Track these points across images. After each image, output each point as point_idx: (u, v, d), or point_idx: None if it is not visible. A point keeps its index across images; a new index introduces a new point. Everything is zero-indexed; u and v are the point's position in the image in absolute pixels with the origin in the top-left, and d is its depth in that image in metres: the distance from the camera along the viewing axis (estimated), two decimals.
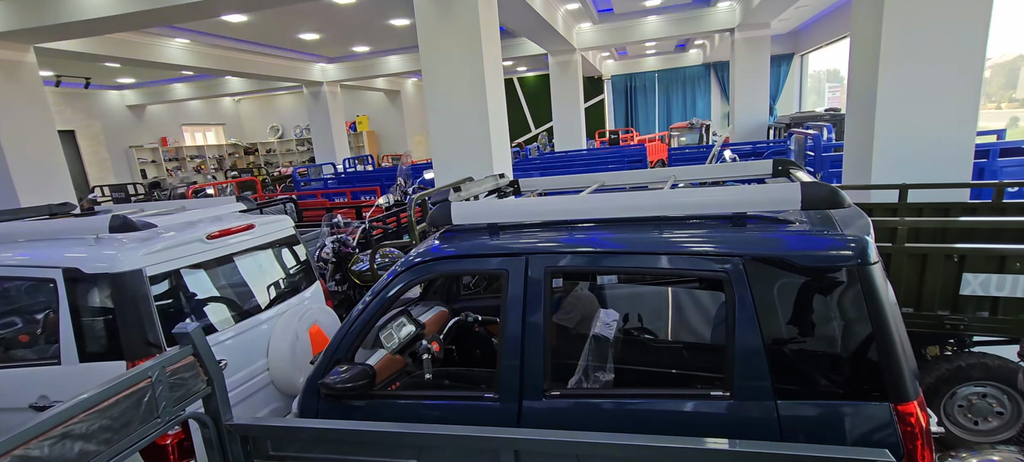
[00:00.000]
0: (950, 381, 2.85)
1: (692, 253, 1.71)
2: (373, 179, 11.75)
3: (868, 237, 1.56)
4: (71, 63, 11.26)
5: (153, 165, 17.67)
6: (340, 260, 5.07)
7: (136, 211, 3.41)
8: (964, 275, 2.74)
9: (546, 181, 3.02)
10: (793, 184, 1.65)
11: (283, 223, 3.45)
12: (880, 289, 1.52)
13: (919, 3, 4.12)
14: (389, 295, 2.10)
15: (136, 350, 2.31)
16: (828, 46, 14.99)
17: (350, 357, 2.19)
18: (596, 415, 1.78)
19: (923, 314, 2.88)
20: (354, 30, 11.09)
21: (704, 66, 19.47)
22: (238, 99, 21.05)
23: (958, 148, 4.29)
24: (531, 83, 20.68)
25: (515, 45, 13.65)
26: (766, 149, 9.77)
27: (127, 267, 2.33)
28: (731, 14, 12.00)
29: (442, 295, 3.26)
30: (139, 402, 1.41)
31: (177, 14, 6.54)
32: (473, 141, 5.79)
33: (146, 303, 2.36)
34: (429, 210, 2.49)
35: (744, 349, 1.62)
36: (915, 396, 1.49)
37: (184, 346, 1.64)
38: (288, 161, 20.94)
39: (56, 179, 7.44)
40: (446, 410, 1.99)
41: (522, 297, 1.88)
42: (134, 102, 16.93)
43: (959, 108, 4.22)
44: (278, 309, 3.21)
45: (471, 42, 5.54)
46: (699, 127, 14.33)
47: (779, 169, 2.52)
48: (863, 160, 4.64)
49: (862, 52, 4.59)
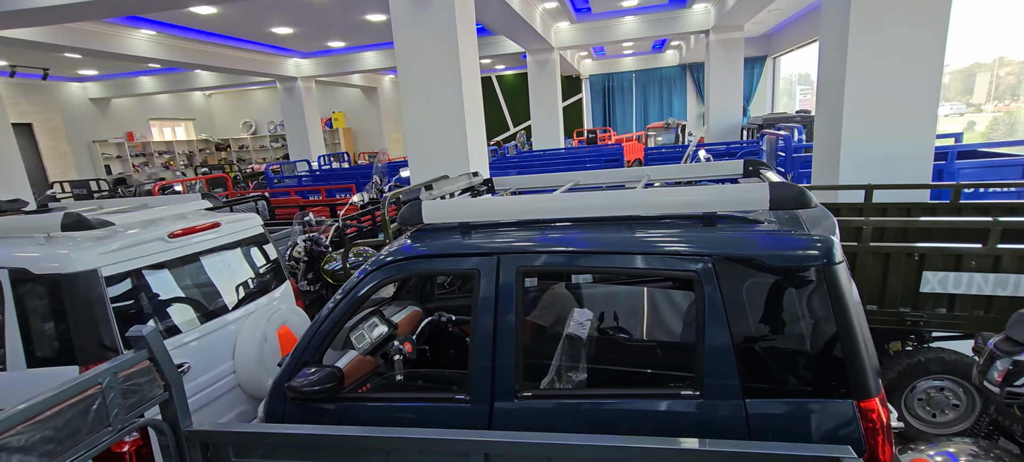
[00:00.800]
0: (910, 375, 2.94)
1: (663, 253, 1.72)
2: (349, 177, 11.56)
3: (834, 237, 1.59)
4: (27, 52, 10.74)
5: (119, 161, 17.02)
6: (312, 259, 4.96)
7: (95, 208, 3.27)
8: (924, 273, 2.83)
9: (520, 180, 3.01)
10: (762, 184, 1.66)
11: (251, 221, 3.35)
12: (845, 288, 1.54)
13: (882, 11, 4.25)
14: (359, 294, 2.05)
15: (90, 354, 2.21)
16: (799, 49, 15.38)
17: (318, 359, 2.13)
18: (568, 416, 1.77)
19: (886, 311, 2.96)
20: (329, 24, 10.87)
21: (680, 67, 19.76)
22: (209, 94, 20.44)
23: (919, 150, 4.44)
24: (510, 81, 20.65)
25: (493, 43, 13.60)
26: (739, 149, 9.96)
27: (80, 267, 2.22)
28: (706, 16, 12.20)
29: (416, 295, 3.21)
30: (87, 410, 1.34)
31: (141, 3, 6.29)
32: (449, 139, 5.74)
33: (101, 305, 2.25)
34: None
35: (713, 348, 1.63)
36: (877, 392, 1.52)
37: (139, 350, 1.57)
38: (261, 158, 20.44)
39: (10, 174, 7.08)
40: (417, 412, 1.96)
41: (494, 297, 1.85)
42: (97, 95, 16.27)
43: (920, 111, 4.38)
44: (246, 309, 3.12)
45: (447, 38, 5.48)
46: (675, 127, 14.52)
47: (750, 169, 2.56)
48: (831, 161, 4.76)
49: (830, 57, 4.71)
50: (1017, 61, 9.35)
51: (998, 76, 10.11)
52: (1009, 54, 9.50)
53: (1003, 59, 9.83)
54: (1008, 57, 9.63)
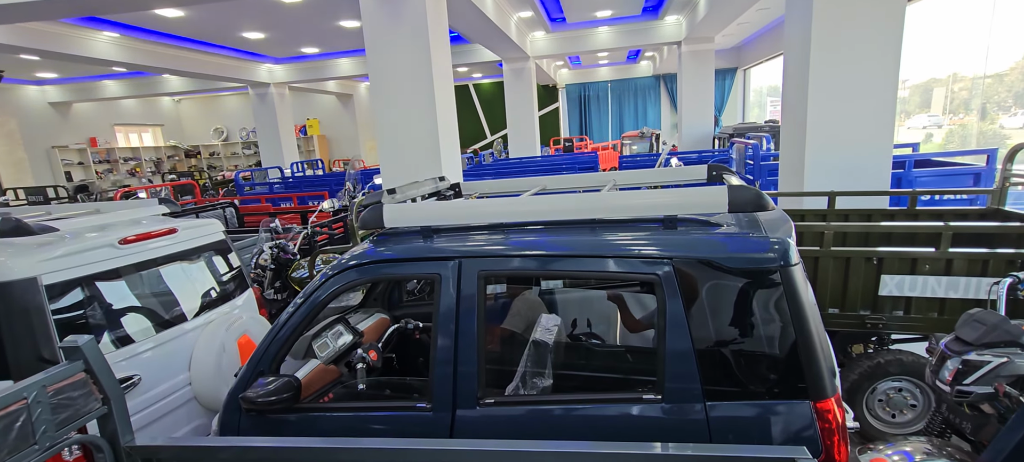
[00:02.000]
0: (871, 377, 3.01)
1: (625, 255, 1.71)
2: (322, 184, 11.36)
3: (790, 239, 1.61)
4: None
5: (81, 167, 16.37)
6: (280, 267, 4.83)
7: (42, 214, 3.11)
8: (882, 277, 2.90)
9: (488, 184, 2.98)
10: (721, 187, 1.68)
11: (211, 227, 3.24)
12: (801, 290, 1.56)
13: (841, 28, 4.41)
14: (320, 300, 1.99)
15: (27, 368, 2.08)
16: (768, 62, 15.85)
17: (276, 368, 2.05)
18: (532, 422, 1.74)
19: (847, 314, 3.03)
20: (302, 30, 10.71)
21: (654, 77, 20.14)
22: (178, 99, 19.88)
23: (878, 158, 4.60)
24: (487, 90, 20.70)
25: (469, 51, 13.61)
26: (710, 157, 10.16)
27: (16, 275, 2.09)
28: (678, 28, 12.46)
29: (384, 302, 3.15)
30: (9, 428, 1.25)
31: (102, 5, 6.08)
32: (422, 146, 5.68)
33: (41, 315, 2.13)
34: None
35: (674, 351, 1.63)
36: (833, 393, 1.54)
37: (73, 361, 1.48)
38: (233, 165, 19.94)
39: None
40: (378, 421, 1.90)
41: (455, 302, 1.82)
42: (57, 99, 15.65)
43: (878, 122, 4.54)
44: (205, 318, 3.00)
45: (419, 45, 5.45)
46: (649, 136, 14.76)
47: (713, 174, 2.59)
48: (797, 169, 4.89)
49: (793, 71, 4.86)
50: (969, 77, 9.82)
51: (953, 91, 10.60)
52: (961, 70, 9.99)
53: (957, 75, 10.32)
54: (961, 73, 10.12)
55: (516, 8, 10.31)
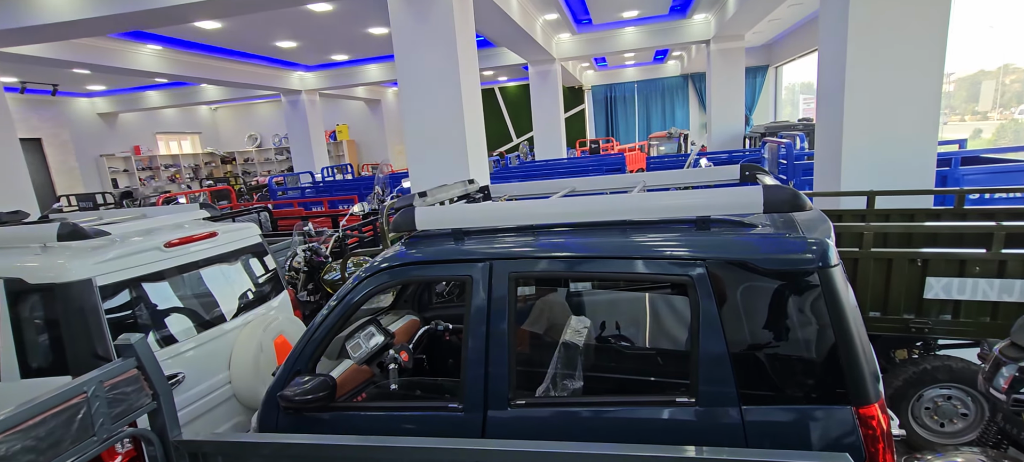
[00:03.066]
0: (916, 384, 2.88)
1: (657, 257, 1.69)
2: (352, 188, 11.61)
3: (829, 240, 1.56)
4: (36, 68, 10.91)
5: (125, 174, 17.18)
6: (313, 269, 4.96)
7: (94, 219, 3.29)
8: (927, 279, 2.78)
9: (516, 187, 3.00)
10: (756, 187, 1.64)
11: (249, 231, 3.35)
12: (841, 291, 1.51)
13: (881, 19, 4.25)
14: (353, 301, 2.04)
15: (83, 365, 2.20)
16: (801, 58, 15.39)
17: (312, 368, 2.11)
18: (563, 424, 1.74)
19: (890, 318, 2.91)
20: (332, 38, 10.99)
21: (682, 77, 19.82)
22: (215, 107, 20.65)
23: (921, 156, 4.41)
24: (512, 93, 20.76)
25: (495, 55, 13.69)
26: (741, 158, 9.93)
27: (74, 277, 2.22)
28: (706, 26, 12.24)
29: (414, 304, 3.20)
30: (72, 420, 1.32)
31: (148, 19, 6.38)
32: (450, 150, 5.75)
33: (95, 314, 2.25)
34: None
35: (708, 353, 1.60)
36: (876, 399, 1.48)
37: (127, 358, 1.56)
38: (266, 170, 20.58)
39: (16, 187, 7.15)
40: (410, 421, 1.93)
41: (486, 303, 1.83)
42: (105, 110, 16.48)
43: (921, 118, 4.35)
44: (243, 319, 3.11)
45: (447, 50, 5.51)
46: (677, 137, 14.53)
47: (746, 174, 2.54)
48: (833, 168, 4.73)
49: (829, 67, 4.71)
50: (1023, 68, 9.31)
51: (1004, 84, 10.07)
52: (1015, 61, 9.47)
53: (1008, 66, 9.80)
54: (1014, 64, 9.60)
55: (542, 11, 10.33)
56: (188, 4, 5.89)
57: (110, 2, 6.01)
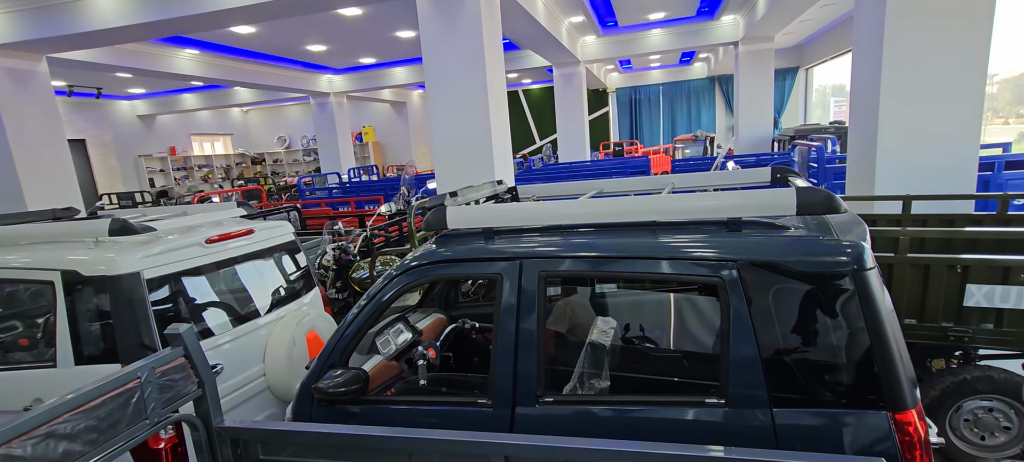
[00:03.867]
0: (955, 394, 2.79)
1: (687, 258, 1.70)
2: (377, 189, 11.81)
3: (865, 243, 1.54)
4: (83, 73, 11.45)
5: (161, 174, 17.85)
6: (341, 267, 5.08)
7: (138, 216, 3.44)
8: (967, 286, 2.70)
9: (544, 188, 3.02)
10: (788, 189, 1.63)
11: (283, 229, 3.46)
12: (877, 295, 1.49)
13: (919, 17, 4.12)
14: (384, 298, 2.10)
15: (131, 353, 2.31)
16: (833, 60, 14.99)
17: (344, 362, 2.17)
18: (590, 422, 1.76)
19: (926, 325, 2.83)
20: (361, 41, 11.22)
21: (709, 79, 19.52)
22: (246, 110, 21.28)
23: (962, 160, 4.26)
24: (536, 95, 20.80)
25: (520, 57, 13.75)
26: (769, 161, 9.74)
27: (124, 270, 2.34)
28: (735, 27, 12.05)
29: (441, 302, 3.25)
30: (127, 403, 1.41)
31: (188, 25, 6.64)
32: (475, 151, 5.81)
33: (143, 306, 2.36)
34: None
35: (739, 355, 1.60)
36: (913, 405, 1.46)
37: (175, 347, 1.64)
38: (294, 171, 21.10)
39: (64, 187, 7.52)
40: (439, 416, 1.97)
41: (516, 301, 1.86)
42: (144, 112, 17.16)
43: (962, 120, 4.21)
44: (276, 314, 3.21)
45: (474, 54, 5.58)
46: (703, 139, 14.31)
47: (777, 177, 2.51)
48: (866, 172, 4.61)
49: (864, 68, 4.59)
50: None
51: None
52: None
53: None
54: None
55: (567, 13, 10.33)
56: (225, 9, 6.11)
57: (153, 8, 6.28)
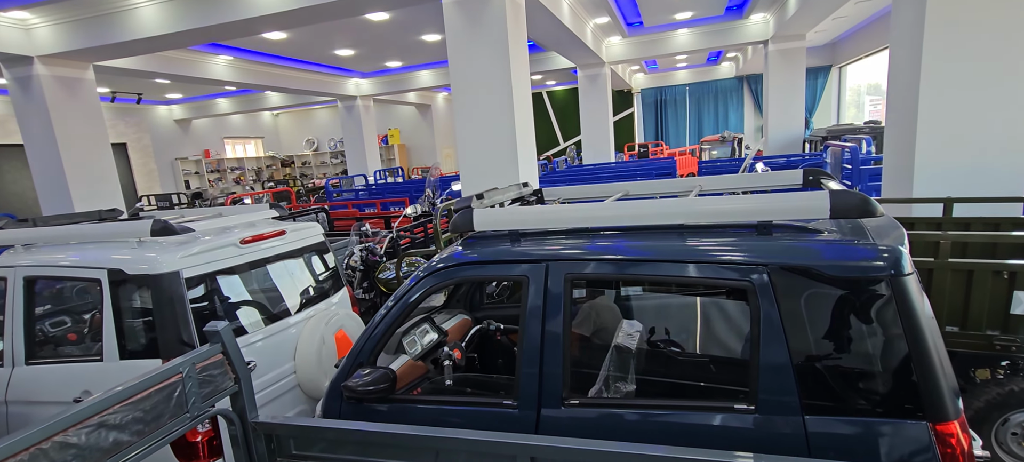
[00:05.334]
0: (1002, 406, 2.67)
1: (716, 262, 1.67)
2: (403, 190, 11.97)
3: (902, 248, 1.50)
4: (125, 80, 11.97)
5: (196, 176, 18.50)
6: (368, 268, 5.17)
7: (177, 217, 3.58)
8: (1015, 293, 2.58)
9: (568, 190, 3.02)
10: (821, 192, 1.60)
11: (313, 230, 3.55)
12: (916, 301, 1.44)
13: (962, 11, 3.96)
14: (412, 300, 2.13)
15: (171, 349, 2.41)
16: (867, 58, 14.51)
17: (373, 361, 2.22)
18: (616, 425, 1.75)
19: (970, 334, 2.72)
20: (387, 45, 11.41)
21: (737, 79, 19.14)
22: (276, 113, 21.89)
23: (1008, 161, 4.07)
24: (560, 97, 20.76)
25: (544, 59, 13.75)
26: (800, 162, 9.48)
27: (165, 269, 2.44)
28: (765, 26, 11.78)
29: (466, 303, 3.28)
30: (170, 396, 1.47)
31: (223, 32, 6.88)
32: (500, 153, 5.84)
33: (182, 304, 2.46)
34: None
35: (770, 361, 1.57)
36: (956, 415, 1.40)
37: (214, 344, 1.70)
38: (322, 173, 21.57)
39: (108, 188, 7.89)
40: (465, 416, 2.00)
41: (542, 304, 1.87)
42: (181, 116, 17.83)
43: (1006, 120, 4.02)
44: (306, 313, 3.30)
45: (499, 56, 5.61)
46: (731, 140, 14.04)
47: (809, 179, 2.45)
48: (904, 173, 4.45)
49: (902, 63, 4.43)
50: None
51: None
52: None
53: None
54: None
55: (592, 14, 10.29)
56: (260, 17, 6.30)
57: (192, 17, 6.53)
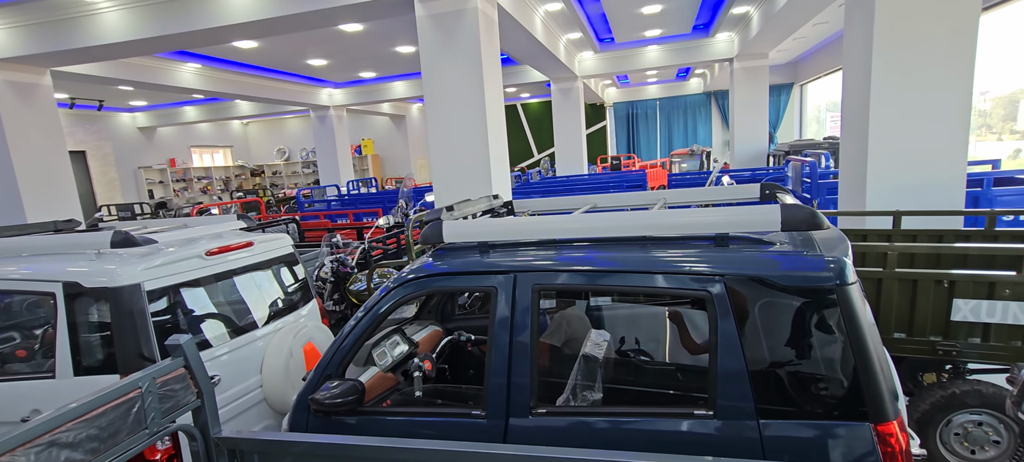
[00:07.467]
0: (945, 408, 2.83)
1: (677, 272, 1.74)
2: (376, 201, 11.86)
3: (846, 258, 1.59)
4: (86, 86, 11.54)
5: (161, 186, 17.89)
6: (339, 280, 5.11)
7: (139, 228, 3.48)
8: (954, 301, 2.74)
9: (540, 202, 3.07)
10: (774, 206, 1.69)
11: (282, 241, 3.50)
12: (858, 309, 1.54)
13: (906, 35, 4.24)
14: (381, 311, 2.13)
15: (131, 364, 2.34)
16: (826, 76, 15.21)
17: (341, 373, 2.20)
18: (583, 433, 1.79)
19: (916, 339, 2.88)
20: (361, 56, 11.35)
21: (705, 94, 19.75)
22: (246, 122, 21.41)
23: (950, 176, 4.34)
24: (534, 109, 20.99)
25: (519, 72, 13.91)
26: (764, 176, 9.84)
27: (125, 282, 2.38)
28: (730, 44, 12.24)
29: (437, 315, 3.28)
30: (128, 412, 1.44)
31: (190, 40, 6.74)
32: (473, 165, 5.88)
33: (143, 317, 2.39)
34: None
35: (726, 367, 1.64)
36: (894, 416, 1.50)
37: (176, 358, 1.67)
38: (293, 183, 21.17)
39: (64, 198, 7.56)
40: (434, 427, 2.00)
41: (510, 314, 1.90)
42: (145, 124, 17.25)
43: (950, 137, 4.30)
44: (274, 326, 3.24)
45: (473, 70, 5.68)
46: (700, 154, 14.45)
47: (766, 193, 2.57)
48: (858, 187, 4.68)
49: (854, 83, 4.69)
50: None
51: None
52: None
53: None
54: None
55: (565, 30, 10.49)
56: (228, 26, 6.21)
57: (157, 24, 6.38)
